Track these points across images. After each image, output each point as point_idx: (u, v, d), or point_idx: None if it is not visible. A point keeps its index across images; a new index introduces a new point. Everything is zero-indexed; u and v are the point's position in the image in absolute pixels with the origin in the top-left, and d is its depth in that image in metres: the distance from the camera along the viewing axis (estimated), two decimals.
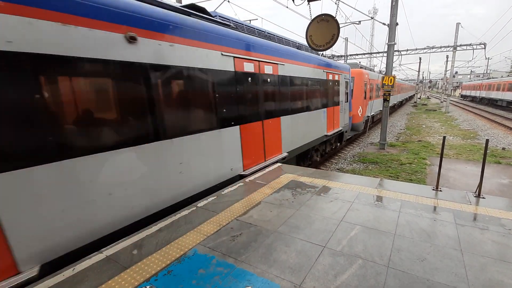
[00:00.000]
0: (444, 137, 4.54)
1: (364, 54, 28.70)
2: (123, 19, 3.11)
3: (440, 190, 4.16)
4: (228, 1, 9.52)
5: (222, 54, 4.58)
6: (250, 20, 10.75)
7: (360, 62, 13.42)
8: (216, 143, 4.59)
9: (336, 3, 9.06)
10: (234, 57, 4.87)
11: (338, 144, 11.82)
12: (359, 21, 16.11)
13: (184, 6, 4.58)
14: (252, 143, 5.50)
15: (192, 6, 4.72)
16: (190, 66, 4.01)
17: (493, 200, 3.83)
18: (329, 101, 9.28)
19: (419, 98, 53.65)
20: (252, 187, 4.54)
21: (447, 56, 34.58)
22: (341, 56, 27.31)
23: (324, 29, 7.39)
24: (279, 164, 6.00)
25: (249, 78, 5.27)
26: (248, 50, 5.26)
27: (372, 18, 16.46)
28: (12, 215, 2.34)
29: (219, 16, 5.50)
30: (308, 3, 7.24)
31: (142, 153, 3.39)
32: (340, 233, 3.01)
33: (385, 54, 12.15)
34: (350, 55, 28.34)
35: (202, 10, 4.85)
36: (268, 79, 5.89)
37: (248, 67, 5.22)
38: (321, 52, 10.68)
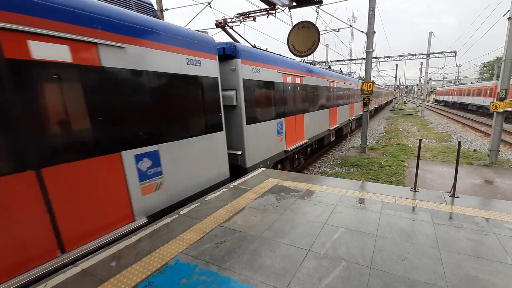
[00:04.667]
0: (420, 140, 4.72)
1: (344, 60, 29.66)
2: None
3: (418, 191, 4.32)
4: (210, 7, 9.54)
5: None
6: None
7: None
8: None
9: (316, 11, 9.32)
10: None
11: None
12: (339, 29, 16.66)
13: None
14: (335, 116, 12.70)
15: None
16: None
17: (467, 199, 4.02)
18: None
19: (396, 103, 56.04)
20: (236, 192, 4.50)
21: (422, 63, 36.44)
22: (323, 62, 28.02)
23: (305, 36, 7.58)
24: (263, 169, 6.02)
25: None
26: None
27: (351, 26, 17.07)
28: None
29: None
30: (289, 10, 7.39)
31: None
32: (324, 236, 3.03)
33: (364, 61, 12.54)
34: (331, 61, 29.18)
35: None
36: None
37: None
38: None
